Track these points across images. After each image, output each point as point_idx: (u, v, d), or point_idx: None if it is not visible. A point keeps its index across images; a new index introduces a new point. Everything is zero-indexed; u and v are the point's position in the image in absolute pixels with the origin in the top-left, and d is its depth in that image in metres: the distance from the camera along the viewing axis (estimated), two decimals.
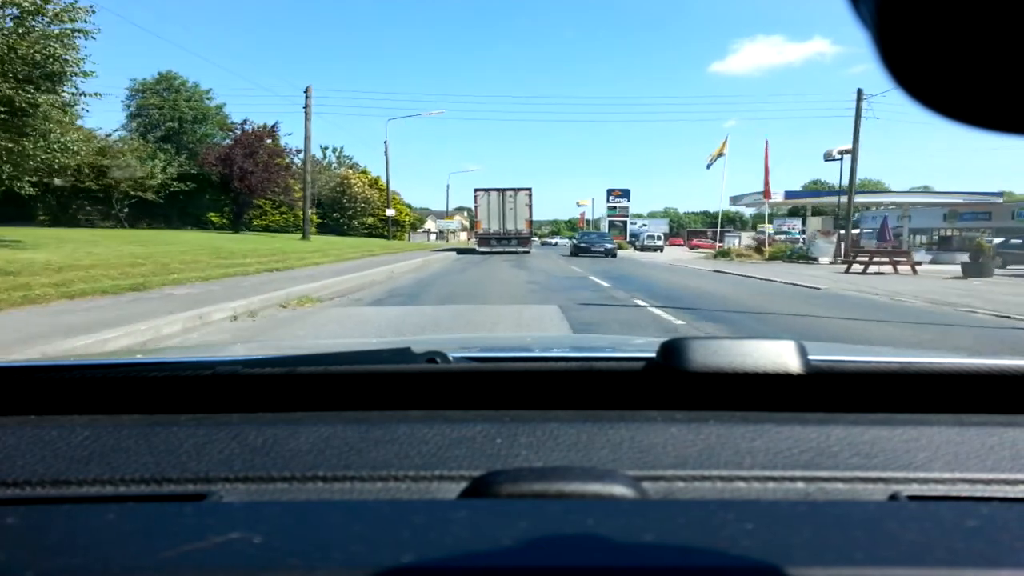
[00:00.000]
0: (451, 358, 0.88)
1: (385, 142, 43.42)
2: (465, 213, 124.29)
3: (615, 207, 58.55)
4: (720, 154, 32.69)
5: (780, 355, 0.70)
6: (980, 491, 0.60)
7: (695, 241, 64.26)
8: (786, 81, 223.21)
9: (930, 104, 0.29)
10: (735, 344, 0.71)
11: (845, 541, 0.42)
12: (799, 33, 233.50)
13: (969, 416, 0.73)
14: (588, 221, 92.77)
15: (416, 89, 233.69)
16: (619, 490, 0.55)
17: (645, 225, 73.69)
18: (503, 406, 0.77)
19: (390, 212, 40.31)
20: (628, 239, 54.20)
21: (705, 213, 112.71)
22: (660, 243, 49.66)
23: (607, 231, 54.97)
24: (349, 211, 46.26)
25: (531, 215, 29.90)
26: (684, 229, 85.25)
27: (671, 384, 0.74)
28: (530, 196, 29.61)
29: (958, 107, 0.29)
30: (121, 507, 0.52)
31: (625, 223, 58.96)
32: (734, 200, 54.07)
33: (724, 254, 29.16)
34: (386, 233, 46.20)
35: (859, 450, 0.65)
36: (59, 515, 0.50)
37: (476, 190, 30.09)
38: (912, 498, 0.59)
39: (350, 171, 48.34)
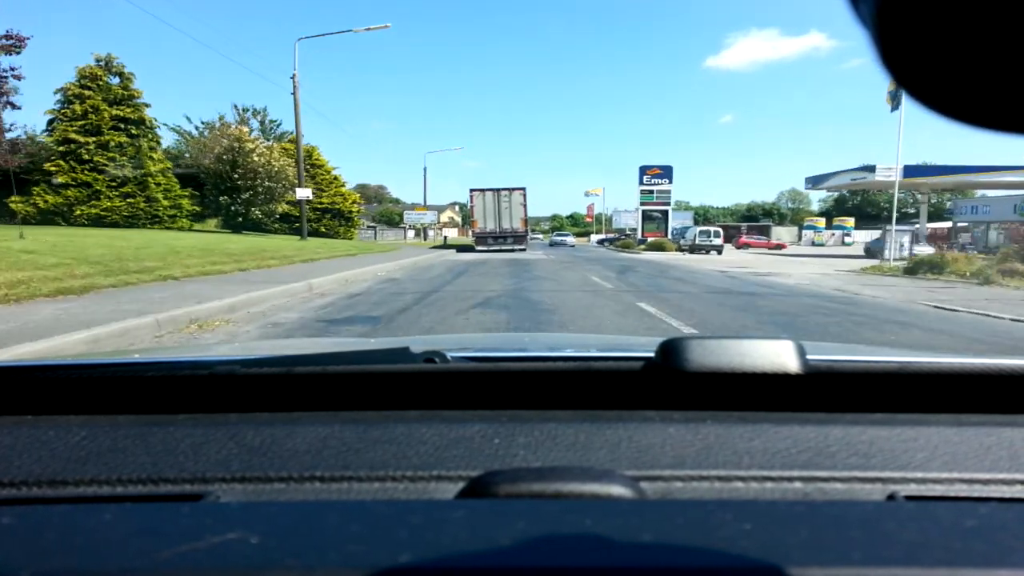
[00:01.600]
0: (449, 358, 0.87)
1: (293, 76, 23.46)
2: (457, 208, 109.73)
3: (651, 191, 40.92)
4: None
5: (778, 355, 0.70)
6: (978, 491, 0.60)
7: (744, 239, 49.19)
8: (781, 76, 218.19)
9: (929, 103, 0.29)
10: (733, 344, 0.70)
11: (843, 541, 0.42)
12: (794, 27, 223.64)
13: (967, 416, 0.73)
14: (601, 216, 77.75)
15: (415, 87, 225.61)
16: (617, 490, 0.55)
17: None
18: (501, 406, 0.76)
19: (303, 194, 23.74)
20: (671, 236, 38.87)
21: (705, 208, 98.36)
22: (718, 243, 34.39)
23: (639, 225, 39.69)
24: (246, 193, 28.34)
25: (526, 214, 30.21)
26: (712, 224, 71.04)
27: (669, 384, 0.74)
28: (524, 195, 30.07)
29: (958, 107, 0.29)
30: (118, 507, 0.51)
31: (666, 214, 41.53)
32: (815, 182, 38.37)
33: (934, 266, 14.10)
34: (322, 229, 31.19)
35: (857, 450, 0.65)
36: (56, 515, 0.50)
37: (472, 190, 30.44)
38: (910, 498, 0.59)
39: (244, 129, 28.92)
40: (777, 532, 0.43)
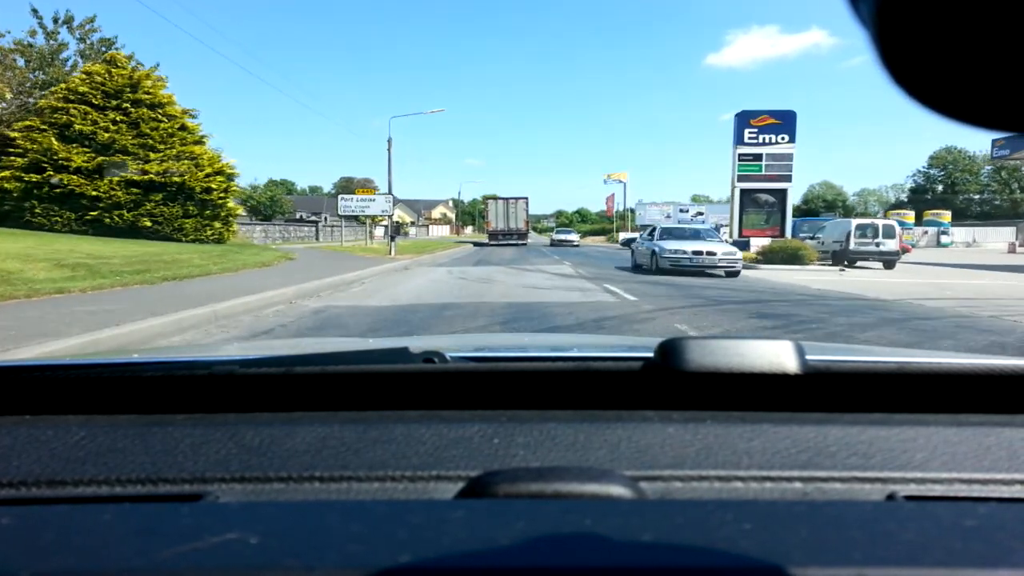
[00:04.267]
0: (448, 358, 0.87)
1: None
2: (451, 203, 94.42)
3: (757, 156, 22.04)
4: None
5: (777, 355, 0.69)
6: (977, 491, 0.60)
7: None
8: (782, 73, 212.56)
9: (929, 104, 0.29)
10: (733, 344, 0.70)
11: (843, 541, 0.43)
12: (794, 24, 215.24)
13: (966, 416, 0.73)
14: (623, 211, 61.45)
15: (417, 85, 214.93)
16: (616, 490, 0.55)
17: (701, 214, 51.59)
18: (500, 406, 0.76)
19: None
20: (800, 233, 22.54)
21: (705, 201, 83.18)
22: (891, 248, 19.34)
23: (733, 216, 22.84)
24: None
25: (528, 216, 39.81)
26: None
27: (669, 384, 0.74)
28: (527, 203, 39.30)
29: (958, 107, 0.29)
30: (117, 507, 0.52)
31: (784, 198, 22.72)
32: (1016, 147, 22.02)
33: None
34: (145, 223, 17.82)
35: (857, 450, 0.65)
36: (55, 515, 0.50)
37: (487, 198, 41.20)
38: (909, 498, 0.59)
39: None
40: (777, 532, 0.43)
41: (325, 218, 29.85)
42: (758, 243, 20.86)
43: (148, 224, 17.86)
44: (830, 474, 0.61)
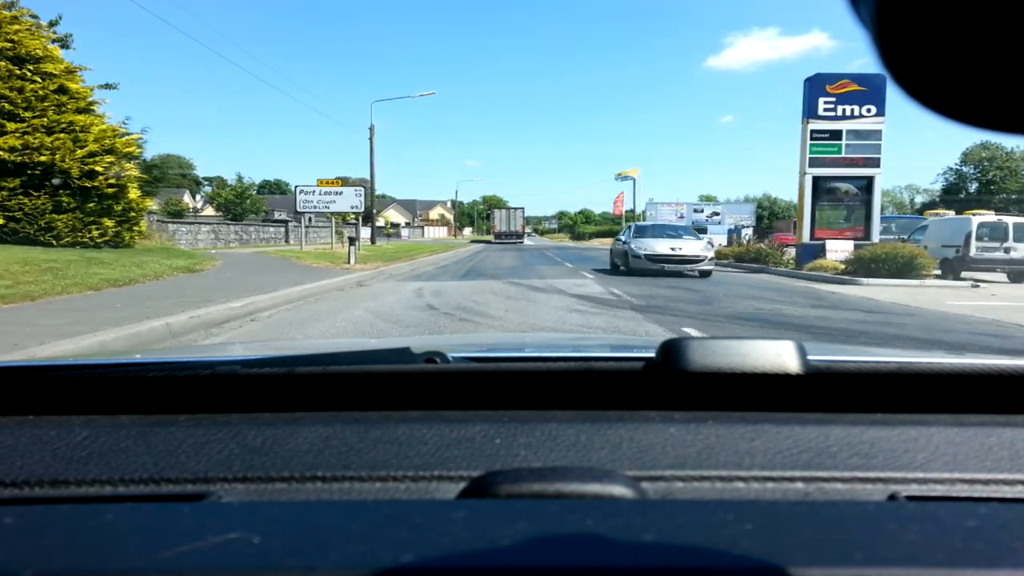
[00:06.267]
0: (450, 358, 0.87)
1: None
2: (449, 204, 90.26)
3: (835, 133, 15.79)
4: None
5: (779, 355, 0.69)
6: (979, 491, 0.60)
7: None
8: (783, 76, 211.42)
9: (929, 104, 0.29)
10: (734, 344, 0.70)
11: (844, 541, 0.43)
12: (795, 26, 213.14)
13: (968, 416, 0.72)
14: (630, 211, 56.37)
15: (413, 80, 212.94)
16: (618, 490, 0.55)
17: (717, 214, 45.55)
18: (502, 406, 0.76)
19: None
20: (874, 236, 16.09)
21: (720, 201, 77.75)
22: None
23: (805, 211, 17.27)
24: None
25: (524, 221, 55.23)
26: (778, 220, 51.83)
27: (670, 384, 0.74)
28: (523, 211, 54.22)
29: (958, 107, 0.29)
30: (120, 507, 0.52)
31: (871, 185, 16.16)
32: None
33: None
34: None
35: (858, 450, 0.65)
36: (57, 515, 0.50)
37: (490, 205, 53.54)
38: (911, 498, 0.59)
39: None
40: (778, 532, 0.43)
41: (310, 218, 25.00)
42: (837, 248, 15.73)
43: (0, 221, 12.78)
44: (832, 474, 0.61)
